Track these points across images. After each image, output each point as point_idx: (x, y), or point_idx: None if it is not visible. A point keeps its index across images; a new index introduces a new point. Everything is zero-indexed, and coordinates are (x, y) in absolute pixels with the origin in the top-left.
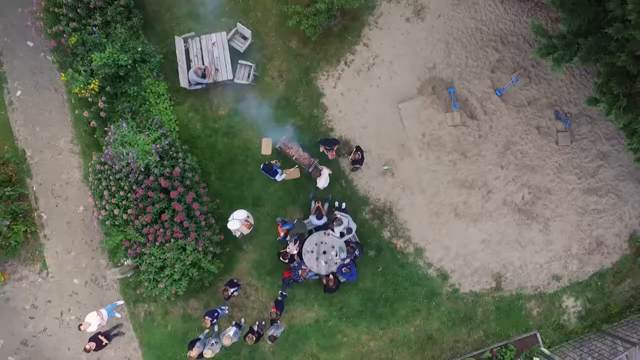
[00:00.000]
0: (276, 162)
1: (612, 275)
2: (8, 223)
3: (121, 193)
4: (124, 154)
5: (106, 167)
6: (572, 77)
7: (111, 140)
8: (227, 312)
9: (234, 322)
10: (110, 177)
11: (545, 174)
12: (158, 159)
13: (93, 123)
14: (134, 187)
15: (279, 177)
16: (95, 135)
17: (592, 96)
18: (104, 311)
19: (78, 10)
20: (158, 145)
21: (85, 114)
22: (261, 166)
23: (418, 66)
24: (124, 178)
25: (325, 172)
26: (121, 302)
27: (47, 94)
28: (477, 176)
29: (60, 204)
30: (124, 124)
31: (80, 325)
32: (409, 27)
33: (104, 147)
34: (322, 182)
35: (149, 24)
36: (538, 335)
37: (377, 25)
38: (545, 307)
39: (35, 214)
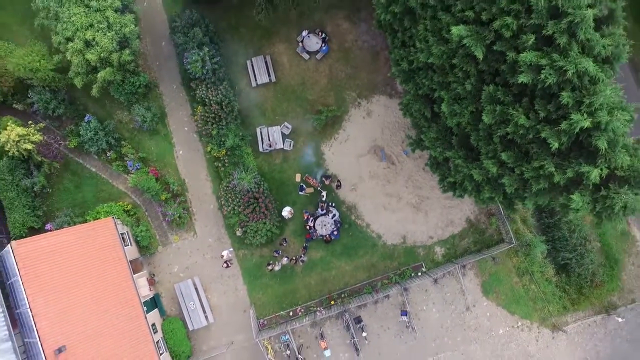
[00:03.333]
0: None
1: (458, 237)
2: (186, 212)
3: (237, 199)
4: (242, 183)
5: (229, 188)
6: None
7: (235, 177)
8: (281, 252)
9: (284, 256)
10: (232, 192)
11: (426, 189)
12: (254, 184)
13: (221, 169)
14: (243, 196)
15: (301, 192)
16: (219, 173)
17: (427, 163)
18: (229, 250)
19: (216, 119)
20: (255, 179)
21: (219, 165)
22: (299, 187)
23: (367, 140)
24: (239, 192)
25: (323, 193)
26: (232, 249)
27: (194, 153)
28: (394, 191)
29: (202, 204)
30: (243, 172)
31: (221, 255)
32: (364, 121)
33: (227, 179)
34: (324, 198)
35: (243, 120)
36: (423, 264)
37: (349, 120)
38: (426, 251)
39: (191, 209)
